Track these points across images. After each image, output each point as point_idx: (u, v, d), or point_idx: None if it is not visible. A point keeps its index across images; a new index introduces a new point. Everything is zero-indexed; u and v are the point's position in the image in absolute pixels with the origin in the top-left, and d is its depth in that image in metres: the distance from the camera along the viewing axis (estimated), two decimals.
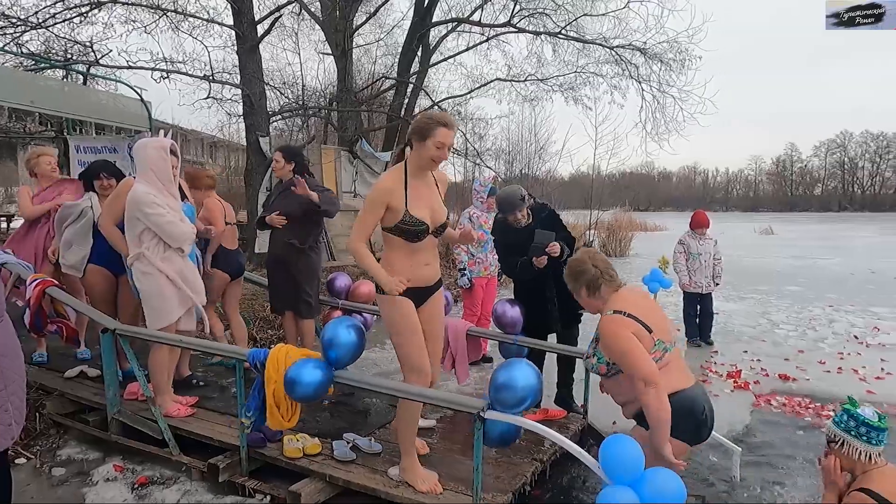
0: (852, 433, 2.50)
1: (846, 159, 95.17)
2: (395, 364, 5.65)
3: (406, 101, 12.96)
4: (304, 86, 13.20)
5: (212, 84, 9.73)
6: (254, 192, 9.11)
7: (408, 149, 2.83)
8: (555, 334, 4.21)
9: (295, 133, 15.69)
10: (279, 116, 11.41)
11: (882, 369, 5.74)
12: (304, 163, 4.49)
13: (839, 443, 2.52)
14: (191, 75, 9.59)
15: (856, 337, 7.07)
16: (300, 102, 11.69)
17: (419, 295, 2.85)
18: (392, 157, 12.00)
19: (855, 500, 2.43)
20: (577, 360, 4.07)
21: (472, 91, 13.80)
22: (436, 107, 12.53)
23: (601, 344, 2.61)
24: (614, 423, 3.97)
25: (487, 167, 13.87)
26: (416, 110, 13.06)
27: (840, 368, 5.77)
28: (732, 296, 9.97)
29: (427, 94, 12.85)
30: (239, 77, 9.27)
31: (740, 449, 3.53)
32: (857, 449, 2.49)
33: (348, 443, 3.29)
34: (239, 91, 9.41)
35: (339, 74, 11.69)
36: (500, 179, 12.90)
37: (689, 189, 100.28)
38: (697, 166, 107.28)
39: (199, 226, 4.12)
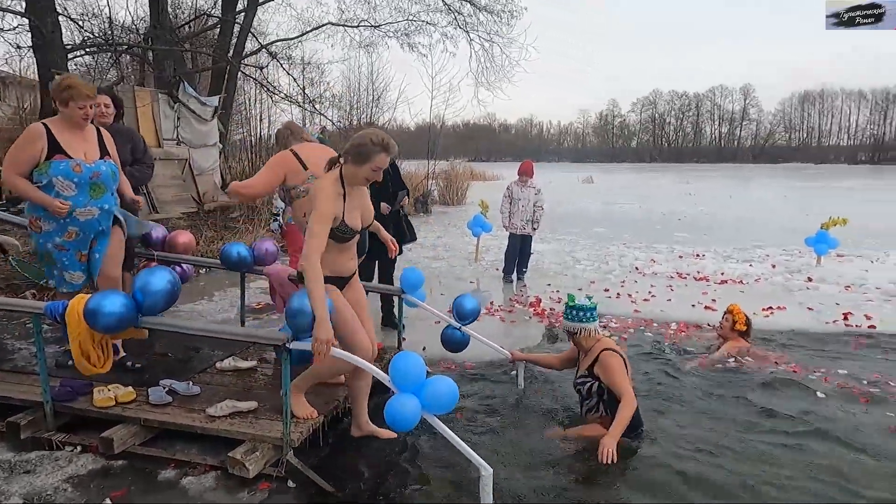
0: (584, 320, 3.40)
1: (656, 115, 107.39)
2: (223, 314, 5.67)
3: (234, 41, 12.19)
4: (111, 18, 11.75)
5: None
6: None
7: (342, 160, 2.90)
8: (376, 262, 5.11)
9: (105, 72, 14.01)
10: (81, 52, 10.14)
11: (649, 293, 6.98)
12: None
13: (578, 332, 3.43)
14: None
15: (637, 268, 8.43)
16: (106, 37, 10.45)
17: (342, 282, 3.07)
18: (219, 101, 11.32)
19: (609, 357, 3.32)
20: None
21: (303, 34, 13.35)
22: (264, 50, 11.96)
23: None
24: (424, 349, 4.48)
25: (323, 115, 13.67)
26: (245, 52, 12.37)
27: (619, 294, 6.92)
28: (548, 237, 11.17)
29: (255, 35, 12.19)
30: (23, 3, 8.06)
31: (523, 364, 4.19)
32: (590, 329, 3.45)
33: (164, 388, 3.36)
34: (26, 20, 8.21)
35: (152, 7, 10.63)
36: (327, 129, 12.81)
37: (527, 140, 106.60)
38: (534, 119, 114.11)
39: (126, 190, 3.81)
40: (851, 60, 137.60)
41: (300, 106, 13.15)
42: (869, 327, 5.76)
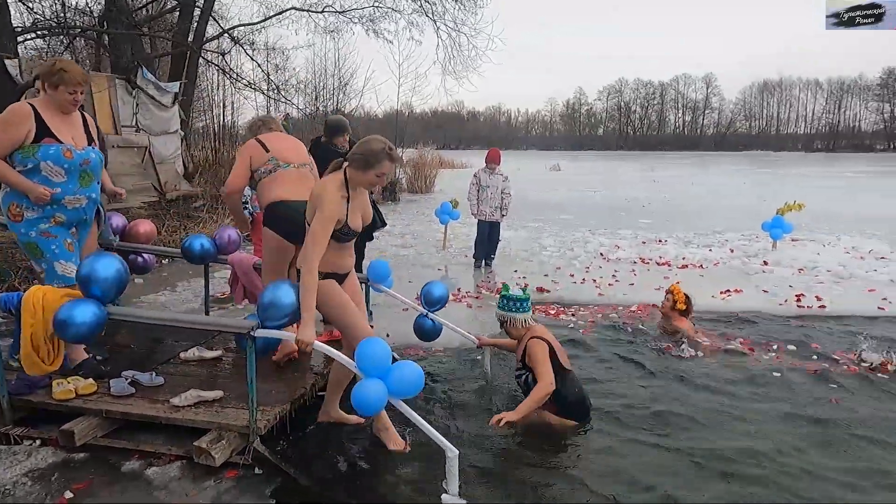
0: (512, 310, 3.55)
1: (622, 103, 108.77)
2: (187, 305, 5.59)
3: (194, 25, 11.86)
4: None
5: None
6: None
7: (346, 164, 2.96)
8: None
9: (58, 56, 13.49)
10: (32, 35, 9.74)
11: (613, 277, 7.14)
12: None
13: (507, 322, 3.59)
14: None
15: (601, 254, 8.59)
16: (59, 20, 10.05)
17: (340, 278, 3.11)
18: (180, 87, 11.04)
19: (533, 346, 3.45)
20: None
21: (266, 19, 13.07)
22: (226, 34, 11.67)
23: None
24: (388, 335, 4.52)
25: (289, 102, 13.44)
26: (206, 36, 12.07)
27: (583, 279, 7.06)
28: (515, 224, 11.28)
29: (216, 20, 11.89)
30: None
31: (490, 349, 4.26)
32: (519, 320, 3.57)
33: (127, 379, 3.31)
34: None
35: None
36: (291, 116, 12.62)
37: (495, 128, 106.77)
38: (502, 107, 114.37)
39: (106, 181, 3.68)
40: (809, 50, 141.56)
41: (264, 93, 12.93)
42: (819, 307, 6.02)
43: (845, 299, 6.25)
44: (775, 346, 4.75)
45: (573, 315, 5.70)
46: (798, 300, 6.21)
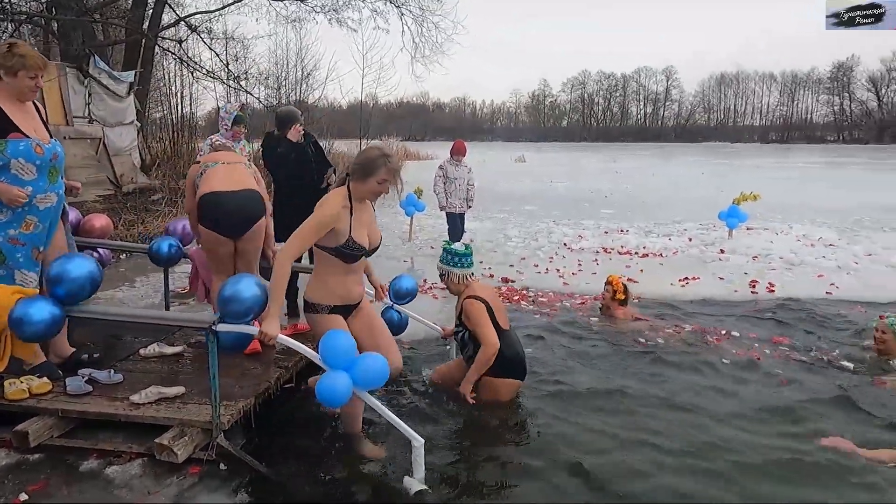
0: (451, 264, 3.59)
1: (585, 95, 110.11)
2: (146, 300, 5.46)
3: (149, 12, 11.49)
4: None
5: None
6: None
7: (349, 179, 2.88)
8: None
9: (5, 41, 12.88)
10: None
11: (577, 266, 7.26)
12: None
13: (445, 275, 3.62)
14: None
15: (565, 244, 8.73)
16: (2, 5, 9.61)
17: (348, 310, 2.99)
18: (135, 76, 10.70)
19: (470, 305, 3.48)
20: None
21: (224, 7, 12.73)
22: (182, 22, 11.36)
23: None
24: None
25: (249, 93, 13.17)
26: (161, 24, 11.71)
27: (547, 269, 7.16)
28: (481, 215, 11.35)
29: (172, 7, 11.55)
30: None
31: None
32: (457, 274, 3.59)
33: (84, 377, 3.23)
34: None
35: None
36: (248, 106, 12.35)
37: (460, 120, 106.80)
38: (467, 98, 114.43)
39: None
40: (764, 43, 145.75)
41: (224, 82, 12.61)
42: (769, 290, 6.27)
43: (796, 285, 6.51)
44: (723, 331, 4.93)
45: (534, 303, 5.79)
46: (752, 287, 6.44)
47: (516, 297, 5.94)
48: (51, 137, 3.20)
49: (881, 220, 11.09)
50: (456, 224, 7.80)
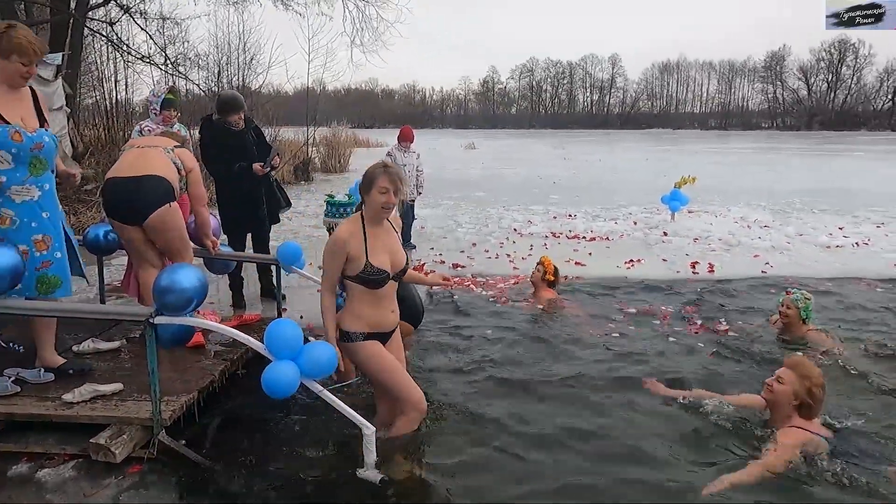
0: (339, 216, 3.81)
1: (534, 83, 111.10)
2: (80, 294, 5.17)
3: None
4: None
5: None
6: None
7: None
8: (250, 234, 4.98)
9: None
10: None
11: (528, 251, 7.35)
12: None
13: (334, 227, 3.55)
14: None
15: (515, 230, 8.82)
16: None
17: (383, 338, 2.90)
18: (63, 59, 10.06)
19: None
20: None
21: None
22: (113, 1, 10.75)
23: None
24: (301, 317, 4.43)
25: (188, 79, 12.62)
26: (90, 3, 11.07)
27: (497, 255, 7.22)
28: (431, 203, 11.31)
29: None
30: None
31: None
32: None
33: (10, 377, 3.04)
34: None
35: None
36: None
37: (410, 106, 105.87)
38: (416, 85, 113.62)
39: (57, 163, 3.12)
40: (703, 33, 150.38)
41: (159, 67, 12.02)
42: (709, 271, 6.53)
43: (734, 265, 6.80)
44: (662, 308, 5.10)
45: (483, 286, 5.86)
46: (693, 267, 6.68)
47: (467, 283, 5.96)
48: (42, 126, 2.92)
49: (811, 203, 11.70)
50: (407, 212, 7.74)
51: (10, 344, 3.37)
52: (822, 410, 2.96)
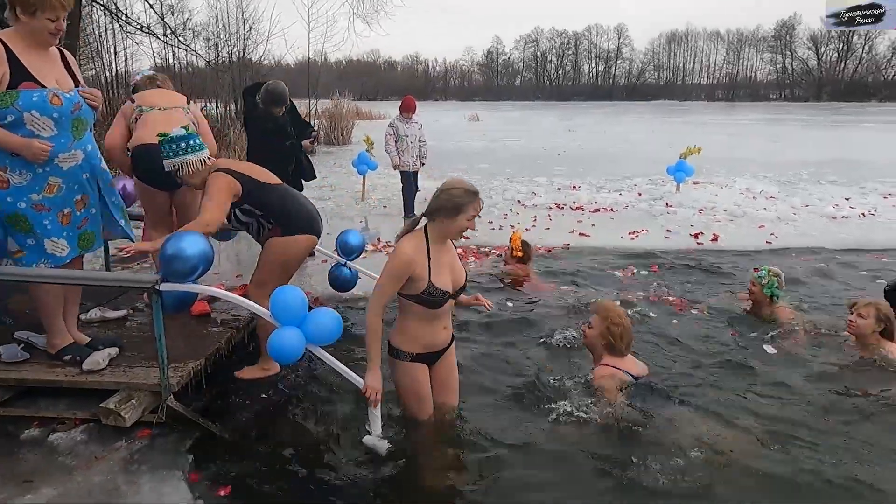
0: (181, 154, 3.02)
1: (539, 53, 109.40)
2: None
3: None
4: None
5: None
6: None
7: (424, 219, 2.66)
8: None
9: None
10: None
11: (532, 222, 7.34)
12: None
13: (182, 170, 3.03)
14: None
15: (519, 201, 8.79)
16: None
17: (434, 357, 2.80)
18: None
19: (213, 179, 3.01)
20: None
21: None
22: None
23: None
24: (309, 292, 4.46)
25: (188, 48, 12.46)
26: None
27: (501, 226, 7.21)
28: (435, 174, 11.21)
29: None
30: None
31: None
32: (193, 162, 3.01)
33: (20, 343, 3.08)
34: None
35: None
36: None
37: (413, 79, 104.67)
38: (419, 56, 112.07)
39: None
40: (712, 1, 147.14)
41: (159, 37, 11.86)
42: (712, 240, 6.52)
43: (738, 236, 6.78)
44: (655, 284, 5.07)
45: (484, 258, 5.89)
46: (696, 238, 6.66)
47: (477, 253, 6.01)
48: (76, 87, 2.81)
49: (817, 174, 11.59)
50: (410, 182, 7.71)
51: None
52: (630, 347, 3.18)
